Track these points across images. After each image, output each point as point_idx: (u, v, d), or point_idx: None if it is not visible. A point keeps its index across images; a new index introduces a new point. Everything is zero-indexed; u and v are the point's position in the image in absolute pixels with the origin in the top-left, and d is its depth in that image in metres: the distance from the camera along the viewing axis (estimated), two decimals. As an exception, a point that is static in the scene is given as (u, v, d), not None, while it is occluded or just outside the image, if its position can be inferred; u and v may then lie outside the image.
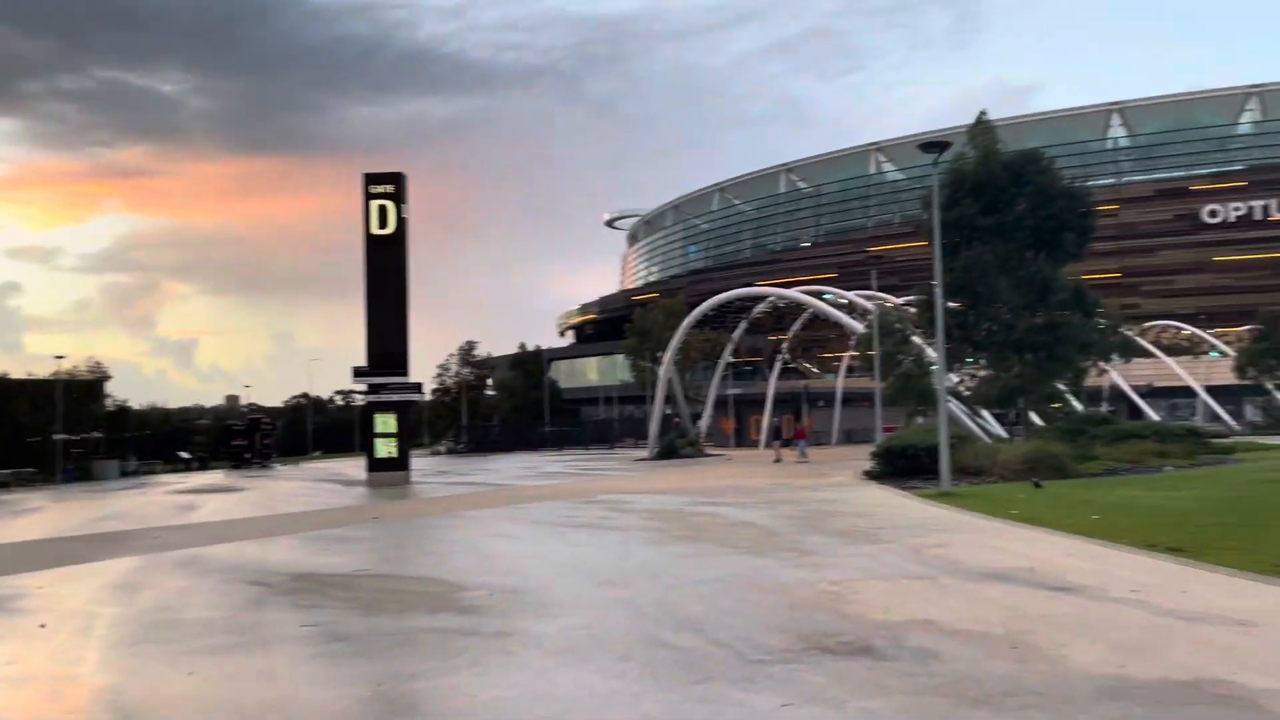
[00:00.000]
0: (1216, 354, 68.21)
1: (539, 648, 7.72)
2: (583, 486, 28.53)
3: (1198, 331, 70.23)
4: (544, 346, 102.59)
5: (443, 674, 7.02)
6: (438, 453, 67.68)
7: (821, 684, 6.36)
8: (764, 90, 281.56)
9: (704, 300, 53.27)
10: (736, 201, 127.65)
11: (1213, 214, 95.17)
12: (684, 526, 16.47)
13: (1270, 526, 13.52)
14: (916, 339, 38.01)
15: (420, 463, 46.14)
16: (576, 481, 31.57)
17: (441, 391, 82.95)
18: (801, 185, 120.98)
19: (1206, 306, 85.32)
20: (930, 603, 8.97)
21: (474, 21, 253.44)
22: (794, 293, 53.89)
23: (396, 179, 35.90)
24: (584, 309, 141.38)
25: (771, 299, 56.06)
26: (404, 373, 35.67)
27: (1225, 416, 62.28)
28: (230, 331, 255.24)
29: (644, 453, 49.36)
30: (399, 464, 34.56)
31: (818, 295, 52.29)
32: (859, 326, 44.87)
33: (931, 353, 35.23)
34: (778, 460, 39.41)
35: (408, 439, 36.91)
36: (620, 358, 77.64)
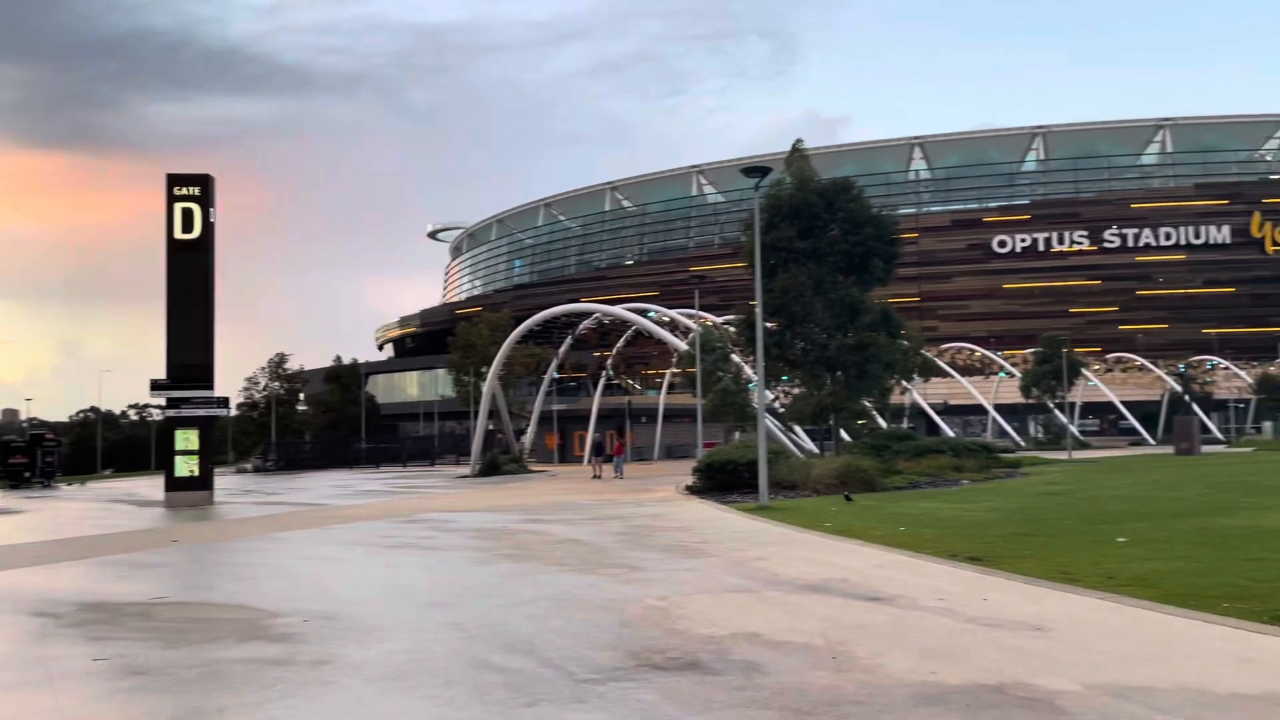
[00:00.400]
0: (1005, 374, 73.37)
1: (360, 675, 7.39)
2: (403, 505, 27.75)
3: (988, 353, 75.38)
4: (361, 360, 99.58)
5: (254, 707, 6.59)
6: (244, 471, 64.30)
7: (652, 701, 6.37)
8: (589, 109, 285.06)
9: (529, 315, 53.11)
10: (562, 218, 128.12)
11: (1002, 244, 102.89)
12: (510, 545, 16.26)
13: (1057, 536, 14.60)
14: (736, 357, 39.19)
15: (225, 481, 43.71)
16: (396, 500, 30.68)
17: (249, 406, 79.09)
18: (626, 204, 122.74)
19: (996, 330, 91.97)
20: (754, 615, 9.17)
21: (289, 22, 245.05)
22: (619, 310, 54.47)
23: (203, 181, 34.04)
24: (404, 322, 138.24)
25: (597, 315, 56.47)
26: (208, 386, 33.76)
27: (1012, 433, 67.27)
28: (11, 340, 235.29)
29: (466, 470, 48.62)
30: (201, 483, 32.64)
31: (642, 313, 53.07)
32: (681, 344, 45.81)
33: (750, 370, 36.38)
34: (597, 476, 39.63)
35: (211, 456, 34.92)
36: (442, 372, 76.20)
